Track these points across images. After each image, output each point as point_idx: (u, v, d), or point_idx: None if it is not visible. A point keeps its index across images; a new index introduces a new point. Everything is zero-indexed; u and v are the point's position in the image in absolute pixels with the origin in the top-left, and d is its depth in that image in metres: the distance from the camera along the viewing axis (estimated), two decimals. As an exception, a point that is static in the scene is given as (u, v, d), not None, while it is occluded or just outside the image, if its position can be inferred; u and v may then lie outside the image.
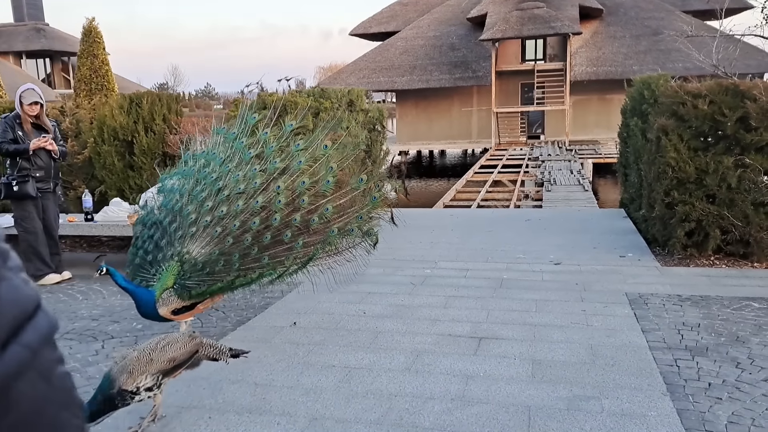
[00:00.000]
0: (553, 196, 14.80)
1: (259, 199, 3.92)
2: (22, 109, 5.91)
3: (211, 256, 3.85)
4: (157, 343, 3.10)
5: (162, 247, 3.94)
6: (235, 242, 3.88)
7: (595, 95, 27.66)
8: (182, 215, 3.94)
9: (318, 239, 4.03)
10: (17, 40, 30.34)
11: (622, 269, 6.12)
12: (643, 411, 3.25)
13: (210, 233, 3.88)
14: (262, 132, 4.19)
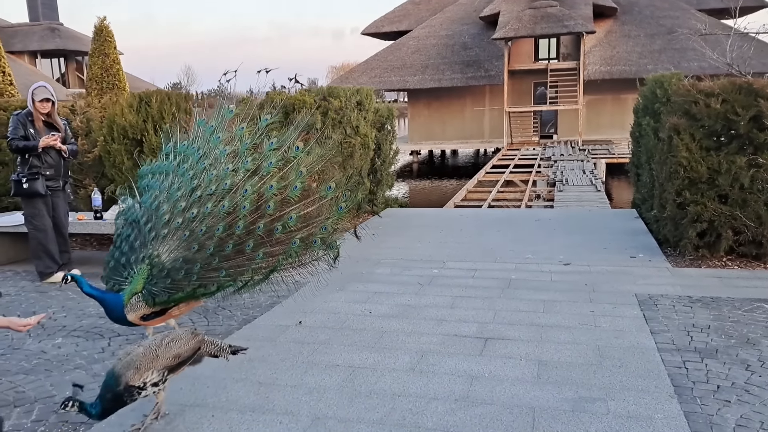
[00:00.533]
0: (565, 196, 14.70)
1: (225, 204, 3.71)
2: (34, 106, 5.95)
3: (175, 263, 3.67)
4: (161, 340, 3.11)
5: (135, 249, 3.80)
6: (199, 249, 3.69)
7: (609, 95, 27.48)
8: (158, 215, 3.80)
9: (280, 250, 3.79)
10: (32, 40, 30.59)
11: (632, 270, 6.06)
12: (650, 413, 3.20)
13: (179, 236, 3.72)
14: (239, 127, 4.00)
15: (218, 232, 3.69)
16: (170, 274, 3.67)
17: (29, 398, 3.62)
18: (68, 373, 3.96)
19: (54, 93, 6.14)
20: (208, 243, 3.68)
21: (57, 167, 6.14)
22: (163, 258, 3.69)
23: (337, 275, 5.76)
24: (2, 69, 14.09)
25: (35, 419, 3.36)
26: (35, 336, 4.69)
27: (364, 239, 7.88)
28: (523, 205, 14.22)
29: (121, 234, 3.93)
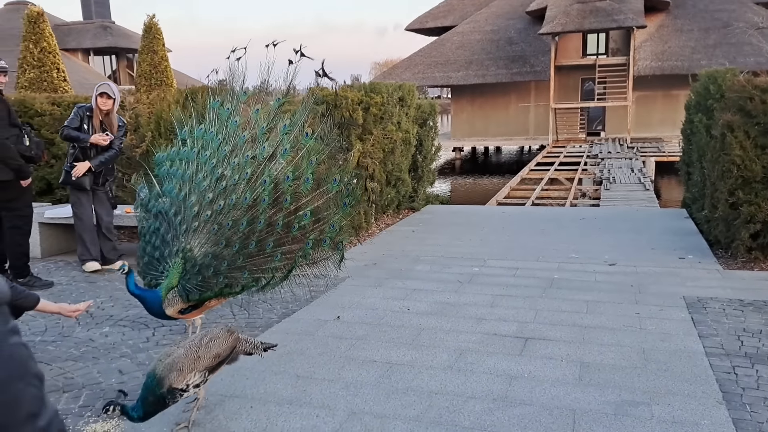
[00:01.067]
0: (612, 195, 14.41)
1: (247, 195, 3.74)
2: (96, 102, 6.13)
3: (206, 259, 3.72)
4: (200, 340, 3.10)
5: (168, 242, 3.83)
6: (227, 245, 3.72)
7: (660, 91, 26.81)
8: (186, 206, 3.81)
9: (297, 248, 3.83)
10: (85, 38, 31.46)
11: (680, 271, 5.89)
12: (696, 419, 3.10)
13: (209, 230, 3.75)
14: (254, 109, 3.97)
15: (242, 227, 3.72)
16: (201, 270, 3.73)
17: (77, 384, 3.71)
18: (114, 361, 4.05)
19: (116, 92, 6.29)
20: (234, 238, 3.72)
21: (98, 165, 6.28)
22: (195, 252, 3.74)
23: (375, 272, 5.77)
24: (57, 65, 14.53)
25: (82, 404, 3.45)
26: (84, 324, 4.81)
27: (404, 236, 7.88)
28: (568, 204, 13.99)
29: (149, 226, 3.95)
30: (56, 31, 16.69)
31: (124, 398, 2.92)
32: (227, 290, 3.83)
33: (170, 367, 2.93)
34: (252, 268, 3.80)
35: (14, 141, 5.55)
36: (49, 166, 8.53)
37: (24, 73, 14.21)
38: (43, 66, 14.28)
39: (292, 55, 4.22)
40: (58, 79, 14.46)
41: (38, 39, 14.24)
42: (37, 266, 6.55)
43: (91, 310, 5.16)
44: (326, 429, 3.11)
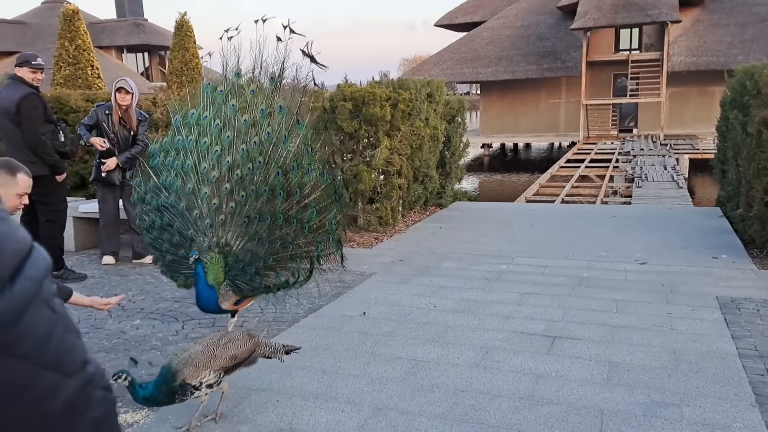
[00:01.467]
0: (644, 192, 14.19)
1: (265, 187, 3.78)
2: (115, 99, 6.21)
3: (245, 256, 3.82)
4: (219, 340, 3.09)
5: (191, 238, 3.85)
6: (259, 241, 3.80)
7: (695, 87, 26.27)
8: (201, 198, 3.81)
9: (312, 247, 3.94)
10: (119, 35, 31.94)
11: (714, 271, 5.77)
12: (728, 422, 3.04)
13: (237, 222, 3.79)
14: (249, 91, 3.89)
15: (268, 221, 3.78)
16: (245, 265, 3.83)
17: (108, 375, 3.77)
18: (145, 353, 4.11)
19: (134, 87, 6.37)
20: (262, 232, 3.80)
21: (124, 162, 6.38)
22: (234, 248, 3.80)
23: (402, 268, 5.76)
24: (91, 63, 14.77)
25: (110, 397, 3.50)
26: (116, 317, 4.89)
27: (431, 232, 7.86)
28: (599, 201, 13.81)
29: (155, 222, 3.99)
30: (91, 29, 16.97)
31: (135, 365, 2.96)
32: (260, 290, 3.95)
33: (186, 361, 2.92)
34: (281, 267, 3.88)
35: (50, 137, 5.66)
36: (83, 161, 8.68)
37: (59, 70, 14.48)
38: (78, 63, 14.53)
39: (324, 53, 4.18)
40: (92, 76, 14.71)
41: (73, 37, 14.49)
42: (71, 259, 6.67)
43: (123, 303, 5.24)
44: (351, 424, 3.11)
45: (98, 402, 0.60)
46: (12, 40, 28.57)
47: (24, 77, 5.57)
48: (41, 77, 5.70)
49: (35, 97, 5.55)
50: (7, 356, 0.50)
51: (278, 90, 4.00)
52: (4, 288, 0.52)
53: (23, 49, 20.28)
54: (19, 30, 29.95)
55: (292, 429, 3.07)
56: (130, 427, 3.13)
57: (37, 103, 5.55)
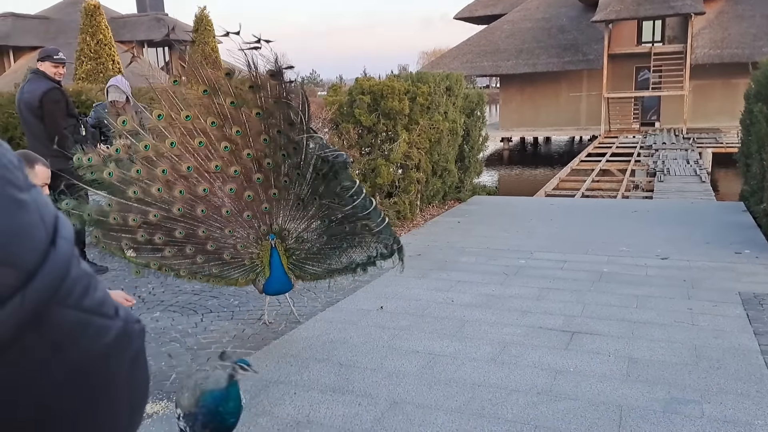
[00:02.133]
0: (666, 187, 14.02)
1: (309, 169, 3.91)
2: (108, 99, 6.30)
3: (309, 239, 4.05)
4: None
5: (231, 235, 4.00)
6: (320, 222, 4.00)
7: (719, 80, 25.85)
8: (227, 196, 3.93)
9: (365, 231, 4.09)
10: (140, 30, 32.17)
11: (736, 266, 5.69)
12: (749, 419, 2.99)
13: (286, 206, 3.97)
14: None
15: (323, 200, 3.95)
16: (309, 251, 4.11)
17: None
18: (164, 345, 4.15)
19: (125, 87, 6.36)
20: (321, 213, 4.01)
21: None
22: (293, 232, 4.05)
23: (420, 263, 5.75)
24: (112, 57, 14.92)
25: (130, 388, 3.54)
26: (136, 309, 4.94)
27: (449, 227, 7.83)
28: (620, 196, 13.67)
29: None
30: (112, 24, 17.12)
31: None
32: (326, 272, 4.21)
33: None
34: (350, 245, 4.12)
35: (72, 131, 5.71)
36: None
37: (81, 64, 14.64)
38: (99, 58, 14.69)
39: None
40: (113, 71, 14.85)
41: (95, 31, 14.64)
42: (93, 252, 6.74)
43: (143, 295, 5.31)
44: (368, 417, 3.11)
45: (136, 335, 0.63)
46: (35, 35, 28.94)
47: (46, 71, 5.63)
48: (63, 71, 5.76)
49: (57, 91, 5.61)
50: (64, 306, 0.55)
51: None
52: (50, 248, 0.57)
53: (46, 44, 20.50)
54: (42, 25, 30.32)
55: (309, 421, 3.08)
56: (149, 418, 3.16)
57: (59, 97, 5.61)
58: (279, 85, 3.66)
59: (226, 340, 4.23)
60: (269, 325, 4.48)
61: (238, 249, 4.03)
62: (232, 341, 4.20)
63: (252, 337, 4.27)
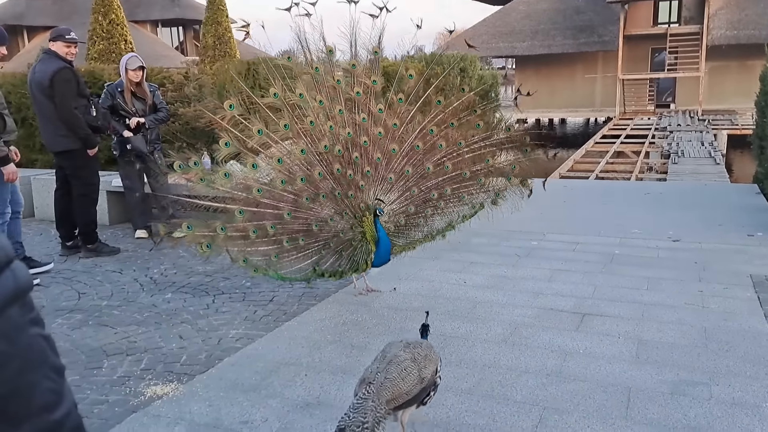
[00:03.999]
0: (680, 169, 13.92)
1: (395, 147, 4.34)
2: (127, 76, 6.28)
3: (404, 211, 4.40)
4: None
5: (331, 217, 4.24)
6: (412, 195, 4.36)
7: (735, 61, 25.51)
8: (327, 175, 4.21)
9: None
10: (154, 9, 32.19)
11: (749, 249, 5.66)
12: (758, 401, 3.00)
13: (381, 181, 4.28)
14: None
15: (416, 174, 4.40)
16: (403, 221, 4.45)
17: (140, 348, 3.88)
18: (175, 327, 4.21)
19: (143, 61, 6.46)
20: (412, 185, 4.37)
21: (144, 134, 6.44)
22: (390, 204, 4.31)
23: (433, 244, 5.75)
24: (125, 37, 14.92)
25: (144, 368, 3.60)
26: (148, 290, 5.01)
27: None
28: (633, 178, 13.60)
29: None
30: (126, 3, 17.11)
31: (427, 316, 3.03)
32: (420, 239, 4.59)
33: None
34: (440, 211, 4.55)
35: (83, 111, 5.74)
36: (118, 136, 8.82)
37: (93, 45, 14.65)
38: (111, 38, 14.69)
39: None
40: (126, 51, 14.86)
41: (107, 11, 14.63)
42: (105, 233, 6.82)
43: (156, 277, 5.36)
44: (378, 397, 3.15)
45: None
46: (49, 15, 29.02)
47: (58, 51, 5.64)
48: (75, 51, 5.77)
49: (68, 71, 5.62)
50: None
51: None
52: None
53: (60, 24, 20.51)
54: (56, 5, 30.39)
55: (320, 403, 3.12)
56: (159, 399, 3.21)
57: (70, 77, 5.62)
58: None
59: (238, 321, 4.28)
60: (369, 292, 4.71)
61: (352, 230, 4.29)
62: (243, 323, 4.25)
63: (263, 319, 4.31)
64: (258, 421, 2.96)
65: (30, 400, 0.55)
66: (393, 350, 2.63)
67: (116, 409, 3.12)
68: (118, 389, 3.34)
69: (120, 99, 6.34)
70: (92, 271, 5.58)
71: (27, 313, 0.59)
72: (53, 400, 0.58)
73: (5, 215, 5.27)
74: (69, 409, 0.60)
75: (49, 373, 0.60)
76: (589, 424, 2.86)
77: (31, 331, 0.59)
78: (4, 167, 5.07)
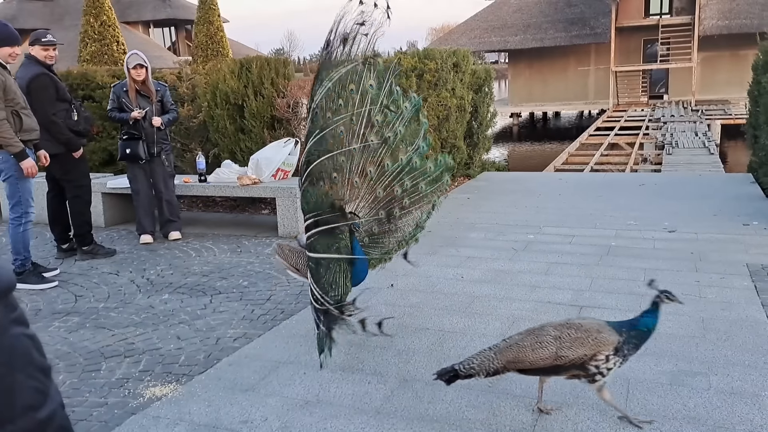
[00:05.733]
0: (674, 159, 13.95)
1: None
2: (129, 75, 6.23)
3: (374, 216, 3.78)
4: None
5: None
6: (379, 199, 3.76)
7: (727, 51, 25.58)
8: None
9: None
10: (146, 10, 32.08)
11: (744, 238, 5.67)
12: (756, 390, 3.01)
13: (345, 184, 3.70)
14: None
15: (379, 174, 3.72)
16: (375, 230, 3.85)
17: (138, 350, 3.87)
18: (173, 328, 4.20)
19: (146, 59, 6.40)
20: (379, 188, 3.75)
21: (150, 135, 6.37)
22: (360, 212, 3.75)
23: (429, 239, 5.76)
24: (116, 38, 14.86)
25: (142, 369, 3.59)
26: (145, 292, 4.99)
27: (459, 203, 7.83)
28: (628, 169, 13.63)
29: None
30: (117, 4, 17.07)
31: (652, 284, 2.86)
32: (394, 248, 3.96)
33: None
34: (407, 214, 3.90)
35: (62, 116, 5.66)
36: (111, 137, 8.79)
37: (85, 46, 14.59)
38: (103, 39, 14.63)
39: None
40: (118, 52, 14.81)
41: (98, 13, 14.56)
42: (101, 235, 6.81)
43: (153, 278, 5.35)
44: (377, 396, 3.15)
45: None
46: (40, 18, 28.88)
47: (37, 56, 5.59)
48: (54, 54, 5.68)
49: (46, 77, 5.56)
50: None
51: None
52: None
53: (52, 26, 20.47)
54: (47, 7, 30.25)
55: (319, 401, 3.12)
56: (158, 400, 3.21)
57: (46, 83, 5.55)
58: None
59: (236, 321, 4.27)
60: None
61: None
62: (241, 322, 4.24)
63: (261, 318, 4.31)
64: (258, 420, 2.96)
65: (14, 400, 0.55)
66: (547, 325, 2.77)
67: (115, 411, 3.11)
68: (117, 391, 3.33)
69: (125, 98, 6.29)
70: (88, 274, 5.56)
71: (10, 312, 0.58)
72: (38, 400, 0.58)
73: (30, 214, 5.27)
74: (55, 409, 0.60)
75: (34, 372, 0.59)
76: (588, 416, 2.86)
77: (14, 331, 0.58)
78: (22, 162, 5.05)
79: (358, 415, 2.96)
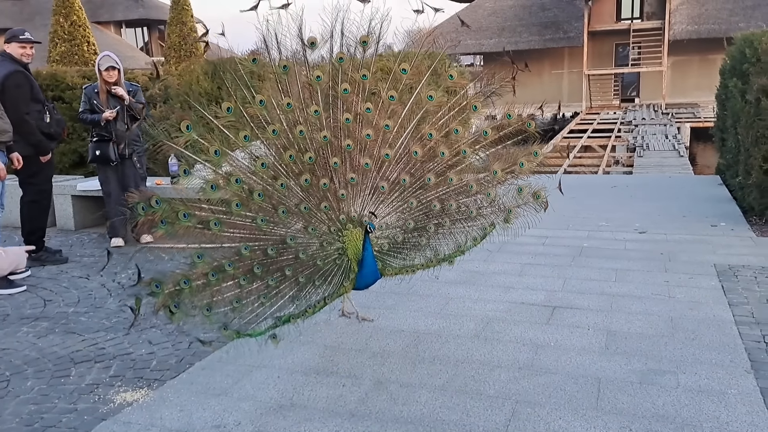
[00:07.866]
0: (645, 161, 14.16)
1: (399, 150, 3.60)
2: (101, 77, 6.13)
3: (398, 226, 3.60)
4: None
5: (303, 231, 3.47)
6: (411, 207, 3.58)
7: (696, 55, 26.03)
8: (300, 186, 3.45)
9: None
10: (117, 10, 31.71)
11: (712, 239, 5.78)
12: (723, 388, 3.07)
13: (370, 191, 3.54)
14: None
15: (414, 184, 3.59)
16: (397, 239, 3.70)
17: (108, 354, 3.82)
18: (144, 332, 4.15)
19: (119, 61, 6.30)
20: (410, 196, 3.60)
21: (121, 137, 6.27)
22: (384, 219, 3.58)
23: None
24: (87, 39, 14.65)
25: (113, 374, 3.54)
26: (116, 296, 4.93)
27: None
28: (601, 171, 13.81)
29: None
30: (88, 4, 16.84)
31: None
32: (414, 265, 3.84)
33: None
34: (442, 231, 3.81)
35: (35, 116, 5.56)
36: (81, 139, 8.66)
37: (55, 47, 14.36)
38: (73, 39, 14.40)
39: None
40: (88, 53, 14.59)
41: (68, 12, 14.34)
42: (71, 238, 6.71)
43: (123, 282, 5.28)
44: (352, 398, 3.15)
45: None
46: (9, 17, 28.36)
47: (13, 53, 5.49)
48: (30, 52, 5.59)
49: (21, 75, 5.46)
50: None
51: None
52: None
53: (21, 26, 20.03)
54: (16, 6, 29.72)
55: (293, 404, 3.11)
56: (129, 406, 3.17)
57: (21, 82, 5.45)
58: None
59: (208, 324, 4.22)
60: (349, 316, 4.21)
61: (324, 248, 3.50)
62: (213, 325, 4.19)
63: (234, 322, 4.26)
64: (231, 424, 2.94)
65: None
66: None
67: (85, 418, 3.07)
68: (87, 397, 3.28)
69: (96, 100, 6.17)
70: (58, 278, 5.48)
71: None
72: None
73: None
74: None
75: None
76: (561, 415, 2.89)
77: None
78: None
79: (333, 418, 2.96)
